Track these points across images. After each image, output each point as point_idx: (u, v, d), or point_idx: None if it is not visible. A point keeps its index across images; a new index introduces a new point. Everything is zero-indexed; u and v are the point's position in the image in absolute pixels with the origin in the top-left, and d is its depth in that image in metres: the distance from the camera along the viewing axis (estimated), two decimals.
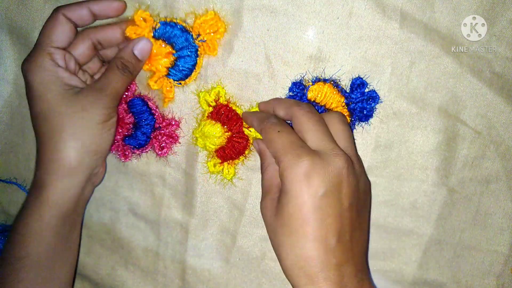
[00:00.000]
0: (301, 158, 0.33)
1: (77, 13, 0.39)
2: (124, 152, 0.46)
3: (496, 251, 0.45)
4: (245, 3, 0.40)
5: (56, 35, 0.39)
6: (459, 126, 0.42)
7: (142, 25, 0.40)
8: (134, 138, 0.44)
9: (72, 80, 0.39)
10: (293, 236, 0.33)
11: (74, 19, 0.39)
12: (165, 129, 0.45)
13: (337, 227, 0.33)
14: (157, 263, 0.49)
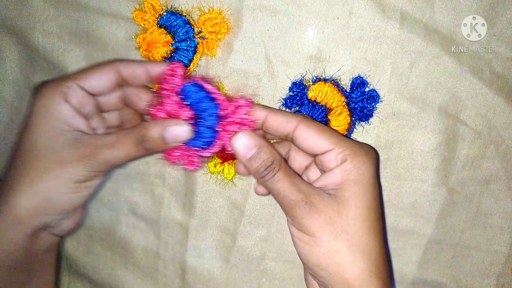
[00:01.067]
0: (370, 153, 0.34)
1: (131, 69, 0.36)
2: (189, 159, 0.37)
3: (496, 251, 0.45)
4: (245, 3, 0.40)
5: (92, 78, 0.36)
6: (459, 126, 0.42)
7: (151, 12, 0.41)
8: (198, 136, 0.36)
9: (74, 121, 0.36)
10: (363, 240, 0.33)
11: (125, 75, 0.37)
12: (235, 114, 0.36)
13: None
14: (157, 263, 0.49)
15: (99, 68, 0.37)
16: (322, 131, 0.35)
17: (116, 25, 0.43)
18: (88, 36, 0.44)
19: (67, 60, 0.46)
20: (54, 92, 0.35)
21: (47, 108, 0.35)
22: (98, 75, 0.36)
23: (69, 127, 0.35)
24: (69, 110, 0.35)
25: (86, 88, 0.36)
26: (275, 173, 0.34)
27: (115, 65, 0.37)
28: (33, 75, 0.47)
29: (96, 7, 0.43)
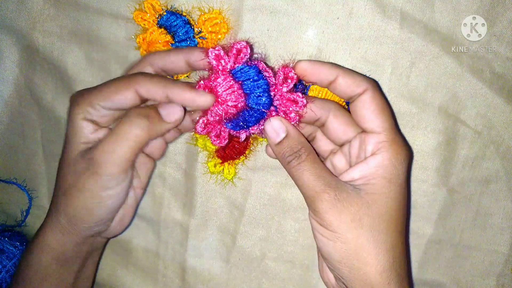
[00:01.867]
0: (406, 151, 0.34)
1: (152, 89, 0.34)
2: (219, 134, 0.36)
3: (496, 251, 0.45)
4: (245, 3, 0.40)
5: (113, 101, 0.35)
6: (459, 126, 0.42)
7: (150, 12, 0.41)
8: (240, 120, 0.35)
9: (94, 135, 0.36)
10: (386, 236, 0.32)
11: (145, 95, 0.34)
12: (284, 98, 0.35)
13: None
14: (157, 263, 0.49)
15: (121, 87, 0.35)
16: (383, 109, 0.34)
17: (116, 25, 0.43)
18: (88, 36, 0.44)
19: (67, 60, 0.46)
20: (78, 111, 0.35)
21: (70, 125, 0.36)
22: (120, 96, 0.35)
23: (86, 140, 0.36)
24: (88, 126, 0.36)
25: (109, 107, 0.35)
26: (301, 161, 0.33)
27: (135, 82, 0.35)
28: (33, 75, 0.47)
29: (96, 7, 0.43)
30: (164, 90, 0.34)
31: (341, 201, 0.32)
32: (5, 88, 0.48)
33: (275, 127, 0.34)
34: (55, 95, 0.47)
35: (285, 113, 0.35)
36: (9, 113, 0.49)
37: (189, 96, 0.34)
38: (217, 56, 0.34)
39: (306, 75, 0.35)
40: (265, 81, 0.34)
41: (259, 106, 0.34)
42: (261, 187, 0.45)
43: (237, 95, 0.33)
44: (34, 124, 0.49)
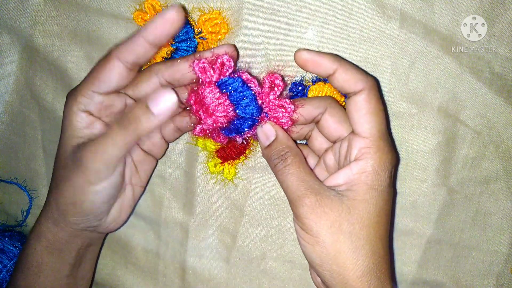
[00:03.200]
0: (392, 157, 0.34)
1: (132, 52, 0.33)
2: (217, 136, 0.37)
3: (496, 251, 0.45)
4: (245, 3, 0.40)
5: (102, 81, 0.35)
6: (459, 126, 0.42)
7: (151, 12, 0.41)
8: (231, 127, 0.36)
9: (89, 129, 0.36)
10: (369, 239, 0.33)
11: (131, 60, 0.34)
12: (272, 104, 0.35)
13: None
14: (157, 263, 0.50)
15: (104, 66, 0.35)
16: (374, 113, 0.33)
17: (116, 25, 0.43)
18: (88, 36, 0.44)
19: (67, 60, 0.46)
20: (73, 104, 0.36)
21: (65, 119, 0.37)
22: (106, 74, 0.35)
23: (79, 134, 0.36)
24: (83, 119, 0.36)
25: (103, 92, 0.35)
26: (286, 164, 0.34)
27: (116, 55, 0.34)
28: (33, 75, 0.47)
29: (96, 7, 0.43)
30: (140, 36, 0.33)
31: (322, 206, 0.32)
32: (5, 88, 0.48)
33: (266, 131, 0.36)
34: (55, 95, 0.47)
35: (277, 119, 0.36)
36: (10, 113, 0.49)
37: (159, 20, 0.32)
38: (203, 68, 0.34)
39: (306, 65, 0.34)
40: (250, 91, 0.35)
41: (248, 115, 0.35)
42: (261, 187, 0.45)
43: (224, 106, 0.34)
44: (34, 124, 0.49)
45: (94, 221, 0.39)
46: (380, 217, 0.33)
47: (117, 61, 0.34)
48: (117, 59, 0.34)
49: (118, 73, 0.34)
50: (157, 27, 0.32)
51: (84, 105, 0.36)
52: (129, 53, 0.34)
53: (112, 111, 0.37)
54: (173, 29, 0.33)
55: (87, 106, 0.36)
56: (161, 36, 0.33)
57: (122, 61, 0.34)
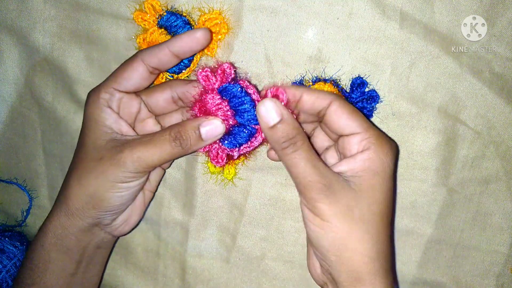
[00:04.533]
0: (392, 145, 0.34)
1: (156, 57, 0.37)
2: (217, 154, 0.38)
3: (496, 251, 0.45)
4: (245, 3, 0.40)
5: (124, 78, 0.37)
6: (459, 126, 0.42)
7: (151, 12, 0.41)
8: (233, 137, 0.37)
9: (117, 125, 0.38)
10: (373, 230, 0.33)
11: (153, 64, 0.37)
12: None
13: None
14: (157, 263, 0.50)
15: (128, 66, 0.37)
16: (354, 112, 0.34)
17: (116, 25, 0.43)
18: (88, 36, 0.44)
19: (67, 60, 0.46)
20: (97, 99, 0.37)
21: (92, 115, 0.38)
22: (130, 74, 0.37)
23: (111, 130, 0.37)
24: (111, 115, 0.38)
25: (124, 90, 0.38)
26: (297, 149, 0.33)
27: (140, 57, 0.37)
28: (33, 75, 0.47)
29: (96, 7, 0.43)
30: (166, 46, 0.36)
31: (334, 192, 0.33)
32: (5, 88, 0.48)
33: (269, 108, 0.33)
34: (55, 95, 0.47)
35: None
36: (10, 113, 0.49)
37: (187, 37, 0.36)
38: (206, 76, 0.36)
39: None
40: (249, 97, 0.36)
41: (247, 121, 0.36)
42: (261, 187, 0.45)
43: (225, 111, 0.36)
44: (34, 124, 0.49)
45: (108, 218, 0.40)
46: (385, 204, 0.34)
47: (141, 62, 0.37)
48: (141, 60, 0.37)
49: (140, 73, 0.37)
50: (183, 41, 0.36)
51: (106, 100, 0.37)
52: (153, 58, 0.37)
53: (130, 111, 0.39)
54: (197, 48, 0.37)
55: (109, 103, 0.38)
56: (185, 50, 0.37)
57: (146, 63, 0.37)
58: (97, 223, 0.40)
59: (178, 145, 0.36)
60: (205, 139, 0.36)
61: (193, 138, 0.36)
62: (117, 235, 0.43)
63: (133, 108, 0.39)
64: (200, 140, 0.36)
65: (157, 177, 0.44)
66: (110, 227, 0.41)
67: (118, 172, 0.36)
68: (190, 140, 0.36)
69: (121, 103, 0.38)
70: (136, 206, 0.43)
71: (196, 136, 0.36)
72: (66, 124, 0.48)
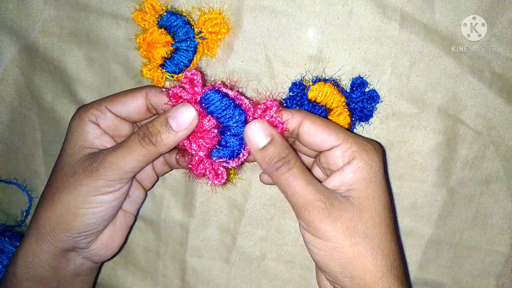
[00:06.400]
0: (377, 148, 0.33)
1: (159, 98, 0.36)
2: (215, 172, 0.34)
3: (496, 251, 0.45)
4: (245, 3, 0.40)
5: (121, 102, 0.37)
6: (459, 126, 0.42)
7: (151, 12, 0.41)
8: (224, 146, 0.34)
9: (100, 141, 0.36)
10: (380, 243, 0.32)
11: (153, 102, 0.36)
12: (264, 117, 0.34)
13: None
14: (157, 263, 0.49)
15: (130, 93, 0.37)
16: (328, 125, 0.33)
17: (116, 25, 0.43)
18: (88, 36, 0.44)
19: (67, 60, 0.46)
20: (84, 114, 0.36)
21: (76, 128, 0.36)
22: (127, 100, 0.36)
23: (90, 145, 0.36)
24: (94, 130, 0.36)
25: (115, 112, 0.37)
26: (291, 167, 0.31)
27: (145, 90, 0.36)
28: (33, 75, 0.47)
29: (96, 7, 0.43)
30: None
31: (335, 209, 0.31)
32: (5, 88, 0.48)
33: (256, 130, 0.32)
34: (55, 95, 0.47)
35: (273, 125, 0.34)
36: (9, 113, 0.49)
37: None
38: (175, 94, 0.34)
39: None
40: (229, 99, 0.34)
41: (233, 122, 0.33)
42: (261, 187, 0.45)
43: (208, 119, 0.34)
44: (34, 124, 0.49)
45: (83, 241, 0.37)
46: (386, 211, 0.33)
47: (144, 95, 0.36)
48: (145, 93, 0.36)
49: (138, 104, 0.37)
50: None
51: (95, 117, 0.36)
52: (155, 97, 0.36)
53: (120, 133, 0.38)
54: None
55: (97, 119, 0.36)
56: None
57: (148, 98, 0.36)
58: (72, 248, 0.36)
59: (148, 143, 0.33)
60: (177, 129, 0.33)
61: (163, 131, 0.33)
62: (98, 261, 0.40)
63: (124, 132, 0.38)
64: (171, 132, 0.33)
65: (137, 198, 0.42)
66: (89, 252, 0.38)
67: (90, 183, 0.34)
68: (160, 135, 0.33)
69: (112, 124, 0.37)
70: (117, 228, 0.40)
71: (166, 129, 0.33)
72: (66, 124, 0.48)
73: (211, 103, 0.33)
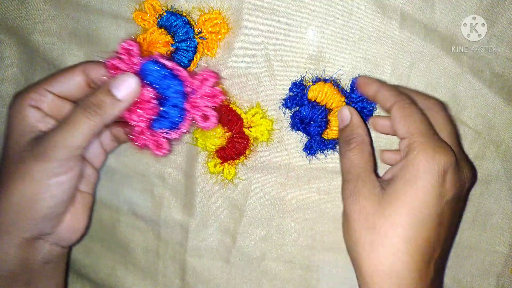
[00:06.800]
0: (440, 153, 0.31)
1: (98, 71, 0.36)
2: (156, 142, 0.35)
3: (496, 251, 0.45)
4: (245, 3, 0.40)
5: (59, 81, 0.36)
6: (459, 126, 0.42)
7: (151, 12, 0.41)
8: (164, 117, 0.35)
9: (43, 124, 0.35)
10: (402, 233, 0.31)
11: (93, 77, 0.36)
12: (202, 89, 0.35)
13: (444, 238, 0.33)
14: (157, 263, 0.49)
15: (67, 71, 0.36)
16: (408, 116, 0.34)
17: (116, 25, 0.43)
18: (88, 36, 0.44)
19: (67, 60, 0.46)
20: (23, 99, 0.35)
21: (16, 114, 0.35)
22: (66, 78, 0.36)
23: (34, 129, 0.35)
24: (36, 114, 0.35)
25: (55, 92, 0.36)
26: (348, 149, 0.36)
27: (83, 67, 0.36)
28: (33, 75, 0.47)
29: (96, 7, 0.43)
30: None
31: (358, 193, 0.33)
32: (5, 88, 0.48)
33: (342, 115, 0.38)
34: None
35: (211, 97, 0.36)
36: None
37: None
38: (113, 65, 0.35)
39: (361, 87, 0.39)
40: (166, 70, 0.34)
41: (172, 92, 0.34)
42: (261, 187, 0.45)
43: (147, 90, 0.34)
44: None
45: (48, 227, 0.36)
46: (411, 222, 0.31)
47: (82, 71, 0.36)
48: (82, 69, 0.36)
49: (77, 81, 0.36)
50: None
51: (35, 101, 0.35)
52: (94, 70, 0.36)
53: (63, 115, 0.36)
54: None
55: (38, 103, 0.35)
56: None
57: (86, 73, 0.36)
58: (37, 235, 0.36)
59: (94, 115, 0.33)
60: (122, 99, 0.33)
61: (108, 101, 0.33)
62: (66, 245, 0.40)
63: (65, 112, 0.36)
64: (116, 102, 0.33)
65: (90, 177, 0.42)
66: (55, 237, 0.37)
67: (43, 166, 0.33)
68: (105, 105, 0.33)
69: (53, 105, 0.36)
70: (78, 209, 0.39)
71: (110, 99, 0.33)
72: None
73: (149, 74, 0.34)
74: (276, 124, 0.43)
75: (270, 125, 0.42)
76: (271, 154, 0.44)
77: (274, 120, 0.43)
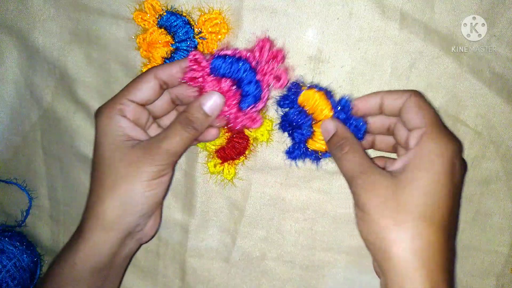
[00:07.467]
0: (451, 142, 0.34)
1: (167, 72, 0.38)
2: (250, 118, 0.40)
3: (496, 251, 0.45)
4: (245, 3, 0.40)
5: (138, 89, 0.38)
6: (459, 126, 0.42)
7: (151, 12, 0.41)
8: (246, 95, 0.39)
9: (133, 132, 0.39)
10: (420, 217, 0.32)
11: (165, 78, 0.39)
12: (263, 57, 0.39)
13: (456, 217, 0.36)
14: (157, 263, 0.49)
15: (141, 79, 0.39)
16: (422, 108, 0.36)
17: (116, 25, 0.43)
18: (88, 36, 0.44)
19: (67, 60, 0.46)
20: (111, 110, 0.38)
21: (108, 125, 0.38)
22: (142, 86, 0.38)
23: (129, 137, 0.38)
24: (127, 123, 0.38)
25: (136, 101, 0.39)
26: (343, 152, 0.37)
27: (153, 72, 0.38)
28: (33, 75, 0.47)
29: (96, 7, 0.43)
30: (177, 63, 0.38)
31: (371, 184, 0.34)
32: (5, 88, 0.48)
33: (326, 127, 0.39)
34: (55, 95, 0.47)
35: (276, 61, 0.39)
36: (9, 113, 0.49)
37: None
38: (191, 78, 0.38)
39: (359, 109, 0.39)
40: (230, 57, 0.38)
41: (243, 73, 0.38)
42: (261, 187, 0.45)
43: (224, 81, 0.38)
44: (34, 125, 0.49)
45: (143, 223, 0.40)
46: (428, 201, 0.33)
47: (153, 76, 0.38)
48: (153, 74, 0.38)
49: (151, 85, 0.38)
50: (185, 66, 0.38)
51: (121, 111, 0.38)
52: (164, 72, 0.38)
53: (142, 122, 0.40)
54: None
55: (124, 112, 0.38)
56: None
57: (158, 77, 0.38)
58: (131, 232, 0.39)
59: (192, 129, 0.38)
60: (211, 114, 0.38)
61: (201, 117, 0.38)
62: (145, 241, 0.42)
63: (144, 119, 0.40)
64: (207, 117, 0.38)
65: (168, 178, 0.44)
66: (141, 234, 0.41)
67: (151, 169, 0.37)
68: (199, 120, 0.38)
69: (134, 113, 0.39)
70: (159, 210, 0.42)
71: (202, 115, 0.38)
72: (66, 124, 0.48)
73: (219, 68, 0.38)
74: (276, 124, 0.43)
75: (270, 125, 0.42)
76: (271, 154, 0.44)
77: (274, 120, 0.43)
